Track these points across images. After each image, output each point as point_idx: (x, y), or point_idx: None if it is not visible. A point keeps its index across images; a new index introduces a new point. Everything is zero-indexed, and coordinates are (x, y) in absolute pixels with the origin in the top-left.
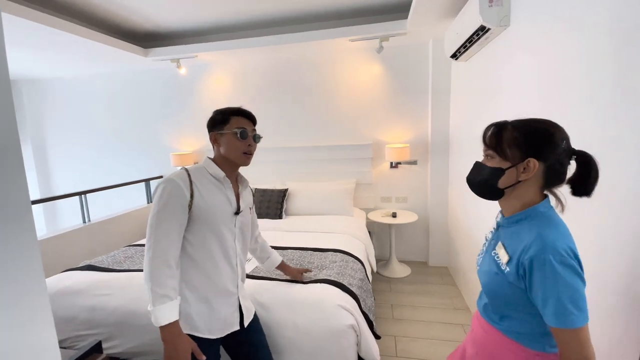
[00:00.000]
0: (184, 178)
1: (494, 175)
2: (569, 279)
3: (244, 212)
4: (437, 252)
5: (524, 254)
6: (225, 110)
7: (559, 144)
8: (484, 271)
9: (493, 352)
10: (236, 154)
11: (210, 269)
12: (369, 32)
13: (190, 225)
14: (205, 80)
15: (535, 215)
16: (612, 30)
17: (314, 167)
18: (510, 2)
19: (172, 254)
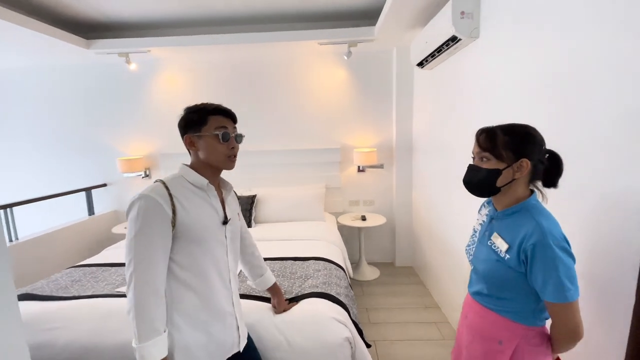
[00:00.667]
0: (162, 192)
1: (492, 175)
2: (565, 260)
3: (233, 220)
4: (403, 253)
5: (525, 241)
6: (201, 109)
7: (541, 147)
8: (482, 260)
9: (489, 333)
10: (219, 158)
11: (203, 290)
12: (337, 36)
13: (175, 244)
14: (158, 78)
15: (529, 208)
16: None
17: (282, 171)
18: (480, 16)
19: (159, 280)
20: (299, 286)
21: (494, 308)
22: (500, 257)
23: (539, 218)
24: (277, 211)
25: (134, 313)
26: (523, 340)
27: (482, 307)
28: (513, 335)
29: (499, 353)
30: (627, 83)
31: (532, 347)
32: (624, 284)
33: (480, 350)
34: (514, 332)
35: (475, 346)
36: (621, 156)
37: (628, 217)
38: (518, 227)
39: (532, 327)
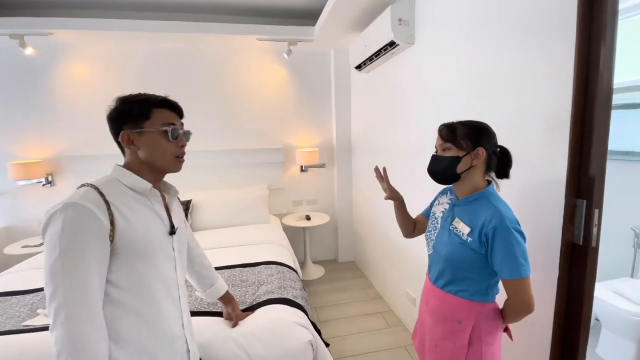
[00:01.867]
0: (95, 199)
1: (453, 162)
2: (520, 240)
3: (180, 230)
4: (345, 249)
5: (486, 225)
6: (142, 100)
7: (494, 138)
8: (444, 243)
9: (450, 315)
10: (165, 159)
11: (148, 313)
12: (277, 34)
13: (113, 262)
14: (64, 67)
15: (488, 196)
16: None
17: (220, 173)
18: (415, 23)
19: (96, 308)
20: (252, 294)
21: (454, 291)
22: (463, 239)
23: (497, 204)
24: (217, 216)
25: (70, 353)
26: (479, 316)
27: (443, 292)
28: (471, 313)
29: (460, 332)
30: (531, 86)
31: (487, 322)
32: (549, 259)
33: (442, 331)
34: (471, 311)
35: (437, 328)
36: (534, 150)
37: (549, 203)
38: (478, 212)
39: (486, 303)
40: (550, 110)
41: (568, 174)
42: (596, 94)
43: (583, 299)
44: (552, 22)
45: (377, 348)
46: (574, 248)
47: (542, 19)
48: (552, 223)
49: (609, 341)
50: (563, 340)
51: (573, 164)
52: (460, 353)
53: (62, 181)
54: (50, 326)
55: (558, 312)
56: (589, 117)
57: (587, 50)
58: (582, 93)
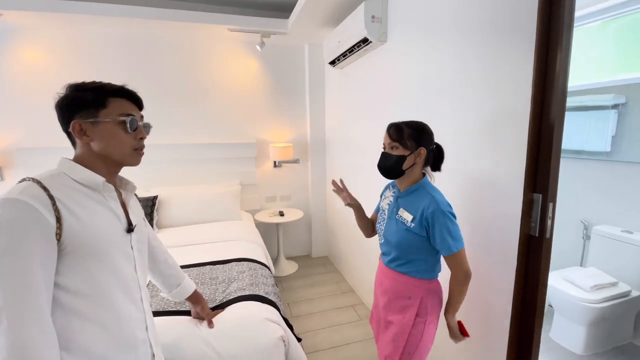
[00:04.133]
0: (37, 194)
1: (399, 160)
2: (453, 220)
3: (138, 227)
4: (319, 244)
5: (426, 210)
6: (97, 88)
7: (433, 139)
8: (393, 231)
9: (401, 291)
10: (123, 151)
11: (105, 318)
12: (249, 25)
13: (61, 264)
14: (14, 52)
15: (425, 186)
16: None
17: (189, 168)
18: (387, 21)
19: (44, 313)
20: (222, 292)
21: (404, 271)
22: (407, 226)
23: (433, 193)
24: (186, 213)
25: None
26: (426, 292)
27: (395, 272)
28: (419, 289)
29: (410, 307)
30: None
31: (432, 296)
32: (508, 250)
33: (395, 307)
34: (420, 287)
35: (390, 305)
36: (495, 147)
37: (508, 197)
38: (418, 201)
39: (431, 280)
40: (511, 110)
41: (526, 170)
42: (553, 96)
43: (538, 286)
44: (513, 28)
45: (349, 341)
46: (531, 240)
47: (504, 25)
48: (511, 216)
49: (561, 326)
50: (520, 325)
51: (531, 161)
52: (406, 326)
53: (11, 176)
54: None
55: (516, 299)
56: (545, 117)
57: (544, 56)
58: (539, 95)
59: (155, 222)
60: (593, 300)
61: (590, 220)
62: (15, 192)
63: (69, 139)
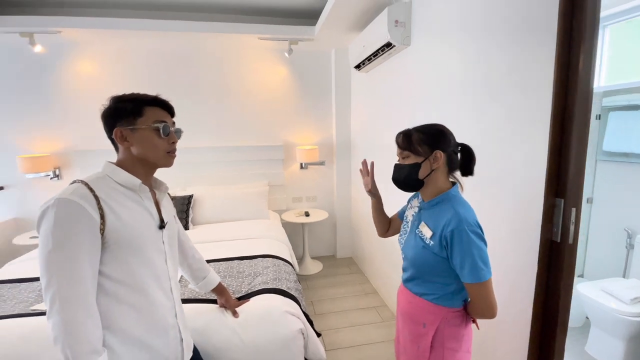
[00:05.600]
0: (86, 195)
1: (413, 169)
2: (478, 243)
3: (169, 224)
4: (343, 245)
5: (445, 228)
6: (135, 99)
7: (451, 138)
8: (410, 246)
9: (416, 317)
10: (157, 154)
11: (140, 304)
12: (278, 33)
13: (104, 255)
14: (72, 64)
15: (449, 198)
16: (480, 54)
17: (221, 169)
18: (411, 25)
19: (89, 297)
20: (248, 284)
21: (420, 293)
22: (426, 243)
23: (457, 207)
24: (218, 211)
25: (65, 338)
26: (443, 321)
27: (411, 294)
28: (435, 317)
29: (423, 335)
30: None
31: (451, 328)
32: (528, 256)
33: (409, 334)
34: (436, 315)
35: (405, 331)
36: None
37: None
38: (440, 215)
39: (451, 308)
40: (533, 111)
41: (547, 174)
42: (576, 97)
43: (560, 293)
44: (536, 28)
45: (369, 340)
46: (552, 245)
47: (528, 24)
48: (532, 221)
49: (597, 339)
50: (541, 335)
51: (552, 164)
52: (422, 357)
53: (69, 175)
54: (47, 314)
55: (536, 307)
56: (568, 119)
57: (566, 56)
58: (561, 96)
59: (190, 219)
60: (633, 313)
61: (635, 228)
62: (67, 193)
63: (112, 145)
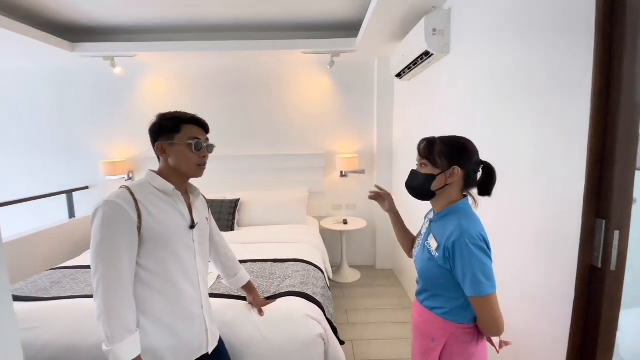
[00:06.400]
0: (126, 197)
1: (428, 180)
2: (480, 256)
3: (201, 225)
4: (383, 256)
5: (448, 240)
6: (175, 117)
7: (473, 156)
8: (419, 258)
9: (425, 330)
10: (189, 166)
11: (169, 293)
12: (321, 47)
13: (141, 248)
14: (143, 82)
15: (457, 211)
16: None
17: (266, 176)
18: (450, 33)
19: (126, 284)
20: (277, 286)
21: (429, 306)
22: (432, 255)
23: (461, 219)
24: (260, 215)
25: (105, 316)
26: (452, 337)
27: (422, 307)
28: (444, 332)
29: (432, 350)
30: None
31: (460, 344)
32: (565, 281)
33: (419, 347)
34: (445, 330)
35: (417, 344)
36: (556, 165)
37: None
38: (446, 227)
39: (461, 324)
40: (573, 121)
41: (586, 192)
42: (620, 103)
43: (600, 323)
44: (576, 29)
45: (402, 356)
46: (592, 271)
47: (569, 27)
48: (569, 241)
49: None
50: None
51: (591, 182)
52: None
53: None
54: (94, 295)
55: (574, 339)
56: (611, 132)
57: (607, 62)
58: (601, 106)
59: (236, 220)
60: None
61: None
62: (113, 196)
63: (156, 155)
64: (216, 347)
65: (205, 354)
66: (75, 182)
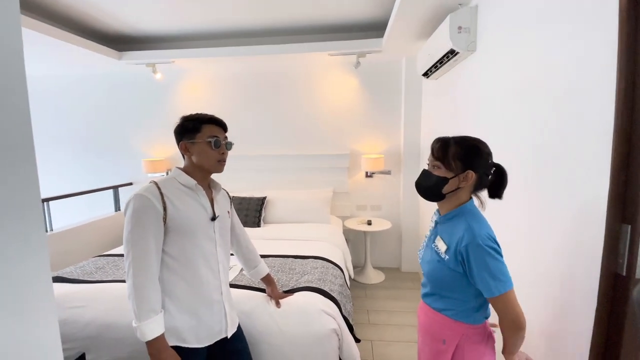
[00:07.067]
0: (154, 191)
1: (440, 183)
2: (494, 255)
3: (222, 217)
4: (409, 258)
5: (460, 243)
6: (196, 118)
7: (488, 160)
8: (426, 261)
9: (435, 333)
10: (210, 163)
11: (191, 279)
12: (347, 48)
13: (167, 237)
14: (181, 86)
15: (464, 213)
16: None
17: (292, 175)
18: (477, 30)
19: (153, 269)
20: (295, 281)
21: (439, 308)
22: (441, 257)
23: (471, 221)
24: (285, 212)
25: (134, 296)
26: (464, 338)
27: (430, 309)
28: (455, 334)
29: (444, 352)
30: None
31: (472, 345)
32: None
33: (429, 350)
34: (455, 331)
35: (425, 347)
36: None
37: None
38: (455, 230)
39: (472, 325)
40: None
41: (610, 196)
42: None
43: (624, 338)
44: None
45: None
46: (617, 279)
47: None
48: (591, 246)
49: None
50: None
51: (616, 185)
52: None
53: None
54: (126, 277)
55: (596, 349)
56: (636, 131)
57: (632, 60)
58: (626, 103)
59: (262, 217)
60: None
61: None
62: (142, 190)
63: (181, 154)
64: (235, 333)
65: (225, 338)
66: (120, 178)
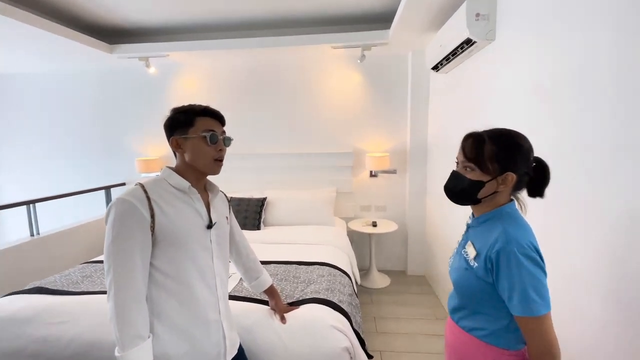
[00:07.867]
0: (139, 195)
1: (475, 187)
2: (531, 269)
3: (219, 224)
4: (415, 261)
5: (491, 248)
6: (188, 110)
7: (530, 158)
8: (454, 269)
9: (464, 355)
10: (205, 161)
11: (184, 297)
12: (351, 40)
13: (155, 249)
14: (176, 81)
15: (501, 215)
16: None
17: (293, 174)
18: (496, 17)
19: (139, 286)
20: (301, 290)
21: (469, 328)
22: (469, 265)
23: (507, 224)
24: (286, 214)
25: (116, 320)
26: None
27: (458, 328)
28: (485, 359)
29: None
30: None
31: None
32: None
33: None
34: (486, 357)
35: None
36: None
37: None
38: (488, 234)
39: (506, 350)
40: None
41: None
42: None
43: None
44: None
45: None
46: None
47: None
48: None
49: None
50: None
51: None
52: None
53: None
54: (107, 297)
55: None
56: None
57: None
58: None
59: (262, 220)
60: None
61: None
62: (125, 194)
63: (172, 151)
64: (235, 356)
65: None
66: (113, 178)
